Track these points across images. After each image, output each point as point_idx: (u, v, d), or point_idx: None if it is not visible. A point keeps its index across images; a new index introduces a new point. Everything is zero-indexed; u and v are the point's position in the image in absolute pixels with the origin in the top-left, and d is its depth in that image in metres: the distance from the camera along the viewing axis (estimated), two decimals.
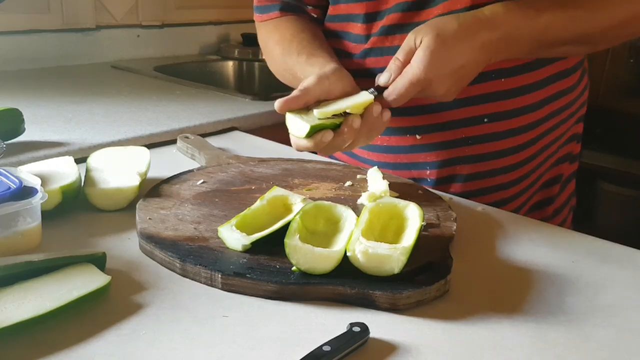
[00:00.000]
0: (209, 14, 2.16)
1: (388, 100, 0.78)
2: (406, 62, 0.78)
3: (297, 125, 0.74)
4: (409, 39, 0.78)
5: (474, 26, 0.78)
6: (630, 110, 2.24)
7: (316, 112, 0.74)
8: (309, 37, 0.96)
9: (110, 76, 1.70)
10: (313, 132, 0.73)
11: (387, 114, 0.78)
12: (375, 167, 0.88)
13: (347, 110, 0.76)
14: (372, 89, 0.79)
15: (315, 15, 1.04)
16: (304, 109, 0.76)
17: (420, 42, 0.77)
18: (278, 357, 0.53)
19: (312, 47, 0.92)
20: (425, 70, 0.76)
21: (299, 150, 0.77)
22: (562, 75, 0.96)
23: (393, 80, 0.78)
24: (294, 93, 0.75)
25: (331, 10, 0.99)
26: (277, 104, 0.74)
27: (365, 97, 0.77)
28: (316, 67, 0.85)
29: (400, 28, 0.91)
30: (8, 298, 0.55)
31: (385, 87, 0.79)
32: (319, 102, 0.77)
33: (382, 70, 0.80)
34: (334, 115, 0.75)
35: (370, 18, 0.94)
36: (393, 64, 0.79)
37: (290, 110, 0.75)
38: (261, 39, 1.06)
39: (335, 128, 0.74)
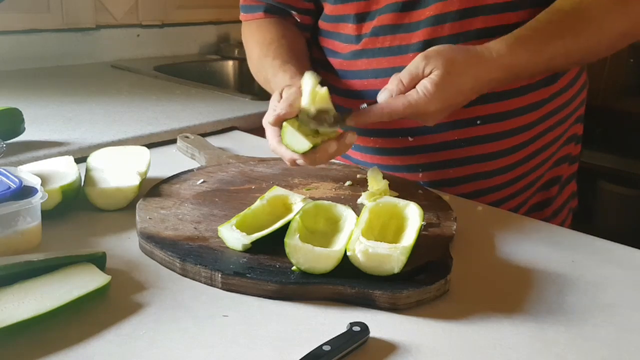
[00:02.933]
0: (209, 14, 2.16)
1: (377, 112, 0.75)
2: (409, 87, 0.75)
3: (299, 141, 0.75)
4: (418, 64, 0.75)
5: (482, 69, 0.77)
6: (630, 110, 2.24)
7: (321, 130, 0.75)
8: (288, 43, 0.97)
9: (110, 76, 1.70)
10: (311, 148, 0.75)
11: (354, 138, 0.77)
12: (375, 167, 0.88)
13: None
14: (364, 105, 0.78)
15: (299, 20, 1.04)
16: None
17: (430, 73, 0.74)
18: (278, 357, 0.53)
19: (287, 55, 0.94)
20: (429, 104, 0.74)
21: (291, 162, 0.78)
22: (557, 77, 0.95)
23: None
24: (284, 108, 0.75)
25: (326, 10, 0.99)
26: (272, 119, 0.75)
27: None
28: (287, 74, 0.88)
29: (392, 29, 0.91)
30: (8, 298, 0.55)
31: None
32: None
33: (373, 72, 0.79)
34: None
35: (361, 18, 0.93)
36: (395, 87, 0.76)
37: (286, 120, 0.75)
38: (243, 37, 1.08)
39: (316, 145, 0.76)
